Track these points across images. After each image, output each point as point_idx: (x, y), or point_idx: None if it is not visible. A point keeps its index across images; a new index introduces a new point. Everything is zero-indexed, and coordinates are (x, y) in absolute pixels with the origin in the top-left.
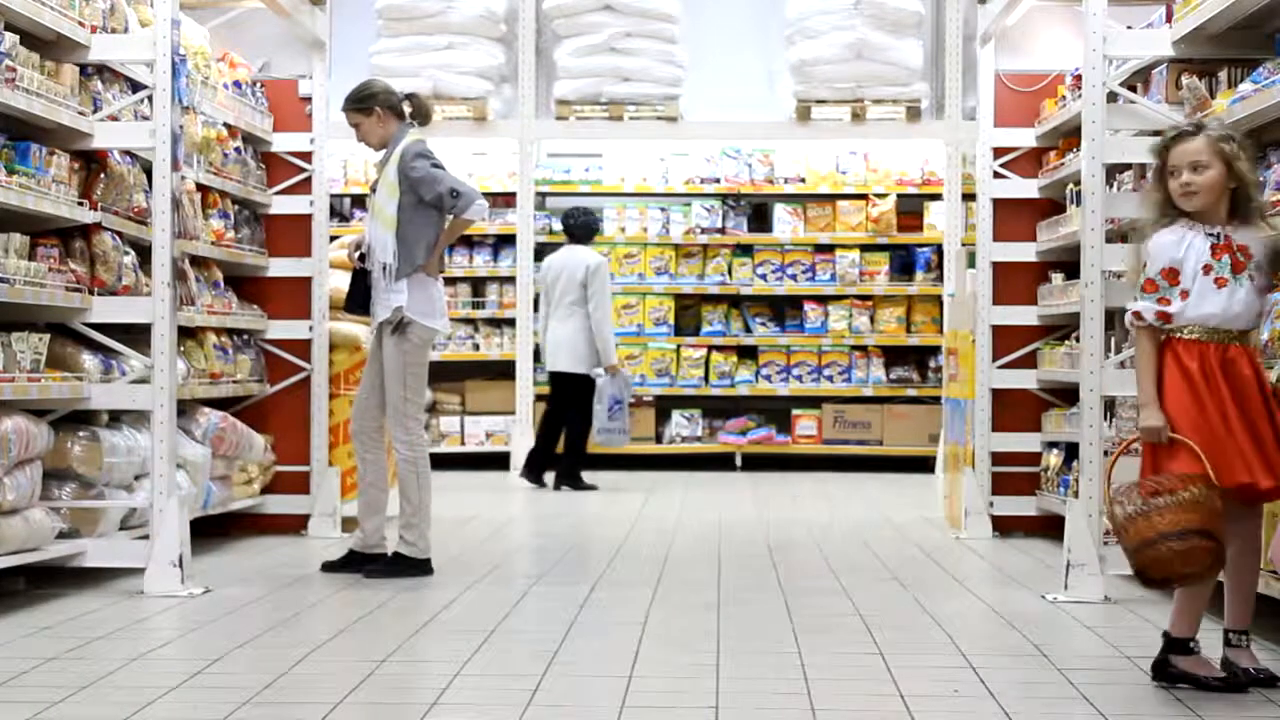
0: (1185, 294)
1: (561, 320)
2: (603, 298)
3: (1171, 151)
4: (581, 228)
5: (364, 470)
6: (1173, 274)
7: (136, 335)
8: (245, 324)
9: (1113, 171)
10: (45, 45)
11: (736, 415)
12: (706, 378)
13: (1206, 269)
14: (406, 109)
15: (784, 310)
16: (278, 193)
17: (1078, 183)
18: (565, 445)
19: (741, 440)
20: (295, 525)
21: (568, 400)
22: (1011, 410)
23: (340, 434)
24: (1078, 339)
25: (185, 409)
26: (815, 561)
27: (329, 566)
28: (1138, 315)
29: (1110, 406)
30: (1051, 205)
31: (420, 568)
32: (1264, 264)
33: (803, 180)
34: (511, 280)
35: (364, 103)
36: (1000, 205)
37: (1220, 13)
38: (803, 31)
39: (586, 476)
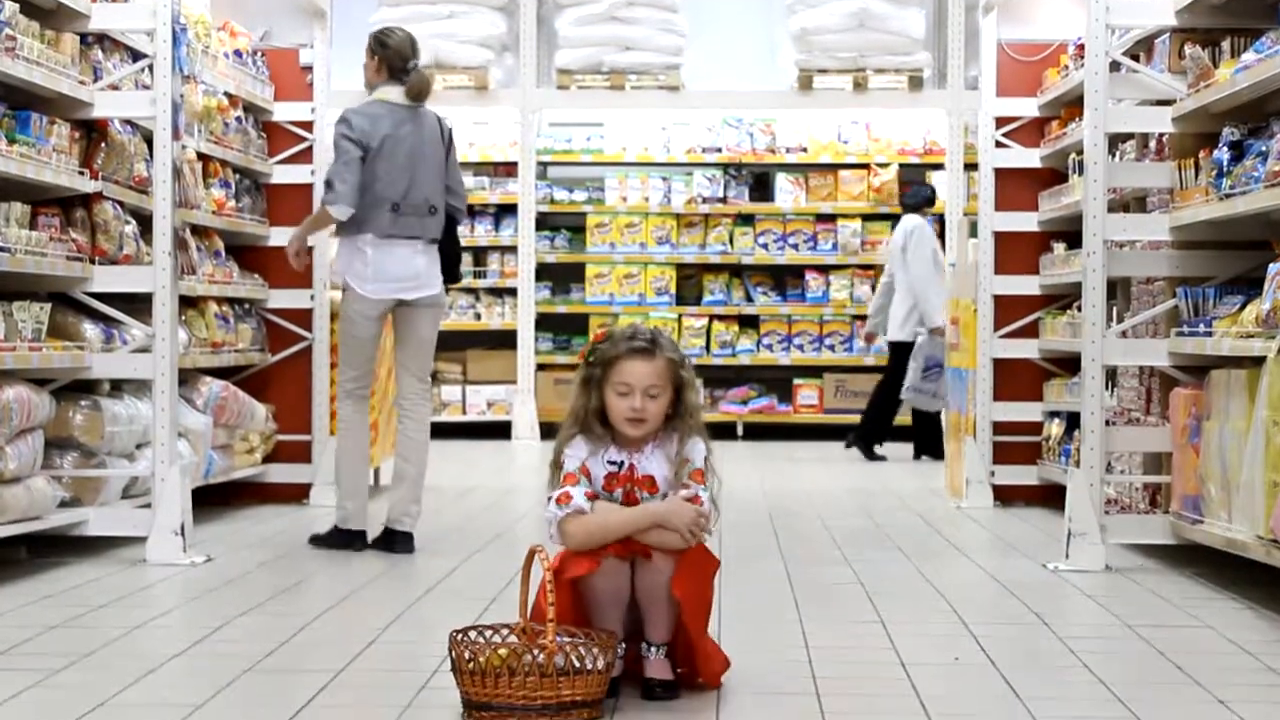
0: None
1: (892, 289)
2: (920, 260)
3: (619, 367)
4: (911, 196)
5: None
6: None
7: (138, 304)
8: (246, 293)
9: (1115, 141)
10: (45, 14)
11: (738, 385)
12: (708, 347)
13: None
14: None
15: (785, 279)
16: (279, 162)
17: (1080, 152)
18: (871, 410)
19: (743, 409)
20: (297, 494)
21: (893, 368)
22: (1013, 380)
23: None
24: (1079, 309)
25: (186, 378)
26: (816, 530)
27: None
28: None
29: (1112, 376)
30: (1053, 175)
31: (345, 539)
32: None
33: (804, 150)
34: (513, 250)
35: (373, 47)
36: (1002, 175)
37: None
38: (804, 0)
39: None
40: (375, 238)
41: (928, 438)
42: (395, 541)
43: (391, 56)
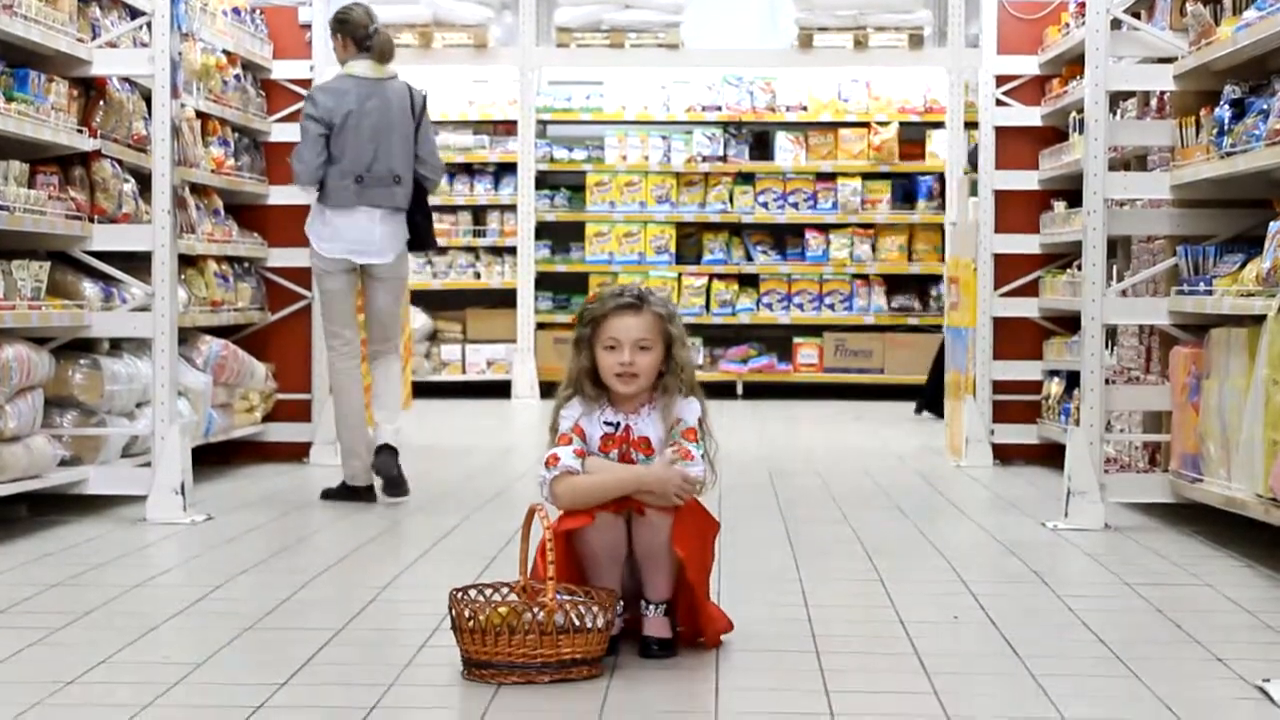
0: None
1: None
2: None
3: (608, 323)
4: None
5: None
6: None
7: (137, 263)
8: (246, 252)
9: (1116, 99)
10: None
11: (738, 343)
12: (708, 306)
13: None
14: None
15: (785, 238)
16: (278, 120)
17: (1080, 110)
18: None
19: (743, 368)
20: (297, 453)
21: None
22: (1013, 339)
23: None
24: (1079, 267)
25: (186, 337)
26: (816, 489)
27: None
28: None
29: (1112, 335)
30: (1054, 133)
31: (354, 495)
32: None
33: (805, 108)
34: (512, 208)
35: (333, 27)
36: (1003, 133)
37: None
38: None
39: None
40: (339, 206)
41: (929, 394)
42: (379, 457)
43: (353, 30)
